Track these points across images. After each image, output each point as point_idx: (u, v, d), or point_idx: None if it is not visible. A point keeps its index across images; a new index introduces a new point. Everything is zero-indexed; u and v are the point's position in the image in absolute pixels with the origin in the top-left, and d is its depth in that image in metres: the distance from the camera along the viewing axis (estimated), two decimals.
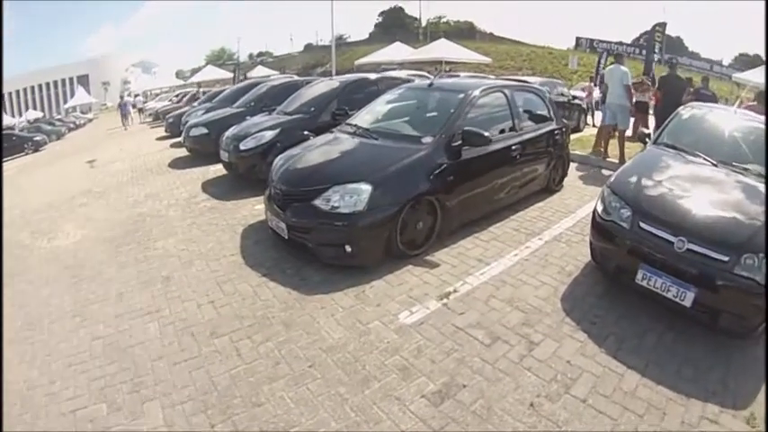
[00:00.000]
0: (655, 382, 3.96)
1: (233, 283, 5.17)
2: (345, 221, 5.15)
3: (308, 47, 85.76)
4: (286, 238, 5.60)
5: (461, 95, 6.71)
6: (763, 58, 37.64)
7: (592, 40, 57.30)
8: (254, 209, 7.31)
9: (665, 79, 12.70)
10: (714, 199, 4.92)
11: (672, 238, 4.48)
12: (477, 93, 6.82)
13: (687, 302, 4.33)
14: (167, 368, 3.90)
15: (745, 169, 5.59)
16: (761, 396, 4.04)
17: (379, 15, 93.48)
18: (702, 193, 5.00)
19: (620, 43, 54.78)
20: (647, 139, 7.09)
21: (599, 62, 32.65)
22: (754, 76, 25.80)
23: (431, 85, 7.84)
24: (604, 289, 5.34)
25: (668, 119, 7.30)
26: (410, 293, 4.94)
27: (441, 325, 4.44)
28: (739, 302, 4.27)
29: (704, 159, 5.81)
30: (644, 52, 35.31)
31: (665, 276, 4.45)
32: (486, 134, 6.11)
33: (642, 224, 4.73)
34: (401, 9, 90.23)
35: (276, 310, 4.60)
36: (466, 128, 6.13)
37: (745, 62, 52.56)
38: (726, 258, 4.24)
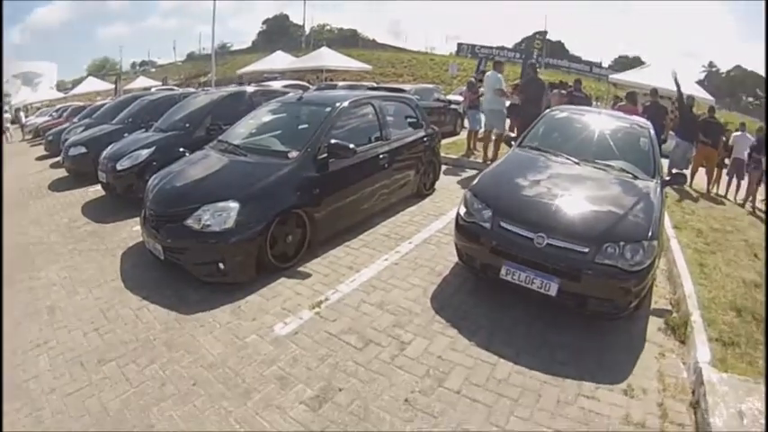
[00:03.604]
0: (527, 368, 4.25)
1: (115, 309, 5.10)
2: (217, 239, 5.22)
3: (191, 56, 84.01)
4: (162, 259, 5.59)
5: (328, 109, 6.86)
6: (643, 61, 40.23)
7: (473, 46, 59.24)
8: (133, 230, 7.20)
9: (525, 83, 13.16)
10: (575, 195, 5.27)
11: (531, 235, 4.77)
12: (344, 105, 7.01)
13: (552, 292, 4.64)
14: (61, 400, 3.84)
15: (608, 166, 6.04)
16: (637, 369, 4.44)
17: (263, 23, 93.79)
18: (563, 191, 5.33)
19: (502, 48, 56.91)
20: (512, 142, 7.42)
21: (478, 67, 33.40)
22: (629, 76, 27.54)
23: (300, 98, 7.96)
24: (473, 286, 5.61)
25: (534, 122, 7.69)
26: (284, 305, 5.05)
27: (314, 333, 4.58)
28: (605, 288, 4.65)
29: (566, 159, 6.21)
30: (524, 57, 37.01)
31: (528, 270, 4.73)
32: (351, 146, 6.30)
33: (503, 224, 4.99)
34: (286, 17, 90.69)
35: (158, 331, 4.60)
36: (332, 141, 6.28)
37: (624, 64, 55.80)
38: (586, 250, 4.60)
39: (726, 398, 3.87)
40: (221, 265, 5.24)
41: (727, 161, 15.10)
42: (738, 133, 15.24)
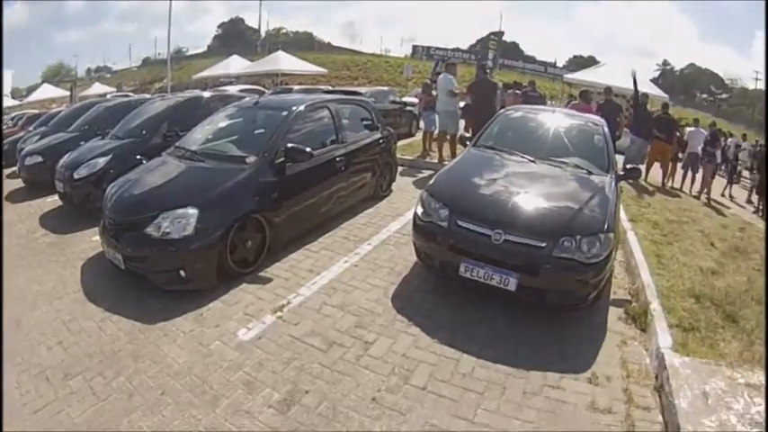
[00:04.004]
0: (491, 362, 4.37)
1: (78, 322, 5.02)
2: (177, 247, 5.22)
3: (147, 61, 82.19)
4: (123, 268, 5.54)
5: (285, 113, 6.90)
6: (598, 60, 41.06)
7: (428, 48, 59.74)
8: (92, 240, 7.09)
9: (475, 83, 13.37)
10: (531, 192, 5.39)
11: (489, 232, 4.87)
12: (300, 109, 7.06)
13: (511, 287, 4.74)
14: (30, 416, 3.79)
15: (563, 162, 6.20)
16: (600, 358, 4.60)
17: (218, 27, 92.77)
18: (519, 188, 5.44)
19: (457, 49, 57.64)
20: (467, 142, 7.54)
21: (434, 69, 33.49)
22: (583, 76, 28.12)
23: (257, 103, 7.95)
24: (433, 285, 5.71)
25: (487, 121, 7.84)
26: (246, 311, 5.06)
27: (278, 337, 4.61)
28: (564, 280, 4.80)
29: (521, 157, 6.34)
30: (479, 58, 37.45)
31: (486, 267, 4.82)
32: (308, 150, 6.33)
33: (460, 222, 5.08)
34: (241, 20, 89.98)
35: (122, 343, 4.55)
36: (288, 145, 6.30)
37: (579, 63, 56.94)
38: (543, 244, 4.72)
39: (689, 380, 4.01)
40: (182, 273, 5.22)
41: (681, 155, 15.64)
42: (692, 129, 15.90)
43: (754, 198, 17.05)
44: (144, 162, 7.10)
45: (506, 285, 4.78)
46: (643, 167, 12.89)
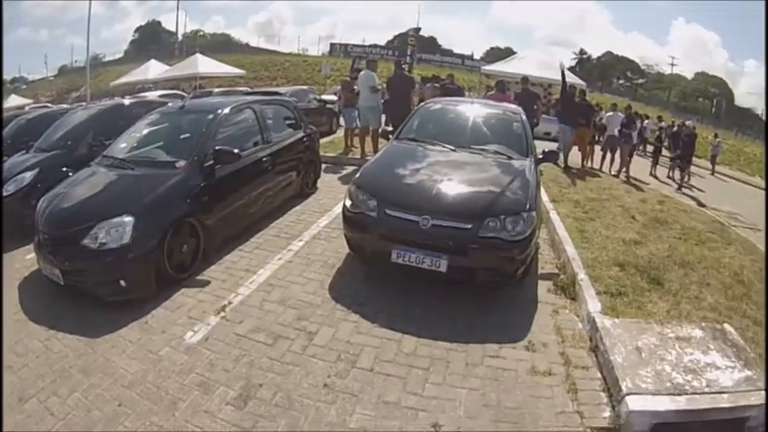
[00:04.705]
0: (432, 339, 4.64)
1: (23, 343, 4.90)
2: (115, 257, 5.16)
3: (63, 69, 78.29)
4: (62, 284, 5.44)
5: (211, 116, 6.95)
6: (515, 51, 42.06)
7: (346, 46, 60.69)
8: (26, 259, 6.89)
9: (392, 78, 13.62)
10: (455, 178, 5.69)
11: (416, 218, 5.10)
12: (226, 111, 7.13)
13: (443, 268, 5.02)
14: None
15: (484, 150, 6.52)
16: (534, 327, 4.99)
17: (135, 31, 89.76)
18: (443, 176, 5.72)
19: (375, 46, 58.01)
20: (389, 136, 7.81)
21: (352, 66, 33.25)
22: (500, 67, 29.33)
23: (182, 107, 7.94)
24: (367, 273, 5.96)
25: (409, 115, 8.19)
26: (189, 314, 5.11)
27: (224, 337, 4.69)
28: (491, 259, 5.12)
29: (443, 146, 6.61)
30: (397, 54, 37.66)
31: (417, 251, 5.07)
32: (236, 151, 6.42)
33: (388, 211, 5.30)
34: (158, 23, 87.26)
35: (71, 359, 4.50)
36: (217, 147, 6.35)
37: (496, 55, 58.33)
38: (469, 226, 5.00)
39: (621, 338, 4.36)
40: (122, 283, 5.18)
41: (599, 138, 16.59)
42: (611, 113, 16.83)
43: (676, 174, 18.14)
44: (71, 174, 6.97)
45: (438, 267, 5.04)
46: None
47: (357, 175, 6.18)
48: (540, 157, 6.92)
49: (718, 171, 25.82)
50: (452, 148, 6.65)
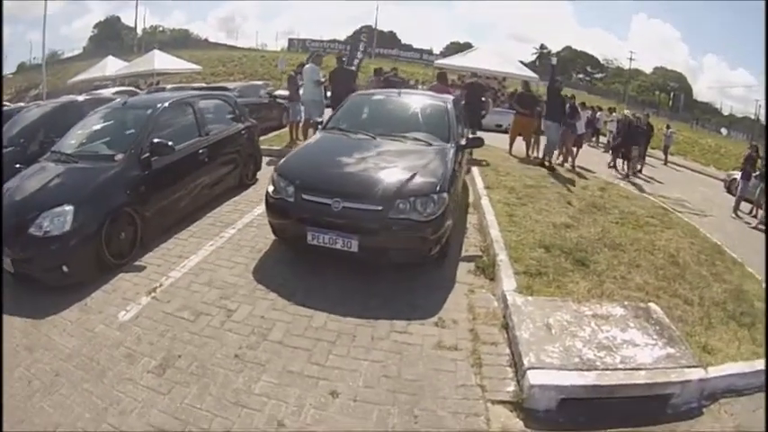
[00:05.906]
0: (342, 316, 4.99)
1: None
2: (57, 244, 5.46)
3: (22, 67, 75.82)
4: (12, 272, 5.69)
5: (149, 111, 7.31)
6: (473, 45, 42.49)
7: (304, 41, 61.26)
8: None
9: (334, 72, 14.03)
10: (369, 164, 6.07)
11: (329, 201, 5.45)
12: (164, 106, 7.44)
13: (354, 248, 5.39)
14: None
15: (404, 137, 6.88)
16: (447, 305, 5.29)
17: (94, 27, 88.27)
18: (359, 162, 6.12)
19: (334, 41, 58.64)
20: (318, 126, 8.21)
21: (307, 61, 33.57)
22: (454, 60, 29.58)
23: (125, 103, 8.25)
24: (290, 257, 6.31)
25: (338, 106, 8.51)
26: (124, 296, 5.47)
27: (152, 315, 5.06)
28: (403, 239, 5.52)
29: (365, 135, 6.97)
30: (349, 48, 38.13)
31: (330, 233, 5.43)
32: (170, 143, 6.77)
33: (304, 196, 5.65)
34: (118, 19, 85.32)
35: (18, 339, 4.79)
36: (154, 140, 6.71)
37: (455, 49, 58.11)
38: (380, 207, 5.36)
39: (532, 315, 4.64)
40: (65, 268, 5.48)
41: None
42: None
43: (619, 162, 18.75)
44: (23, 170, 7.15)
45: (350, 248, 5.40)
46: (557, 152, 14.23)
47: (280, 163, 6.53)
48: (464, 143, 7.39)
49: (671, 161, 26.29)
50: (373, 135, 7.02)
